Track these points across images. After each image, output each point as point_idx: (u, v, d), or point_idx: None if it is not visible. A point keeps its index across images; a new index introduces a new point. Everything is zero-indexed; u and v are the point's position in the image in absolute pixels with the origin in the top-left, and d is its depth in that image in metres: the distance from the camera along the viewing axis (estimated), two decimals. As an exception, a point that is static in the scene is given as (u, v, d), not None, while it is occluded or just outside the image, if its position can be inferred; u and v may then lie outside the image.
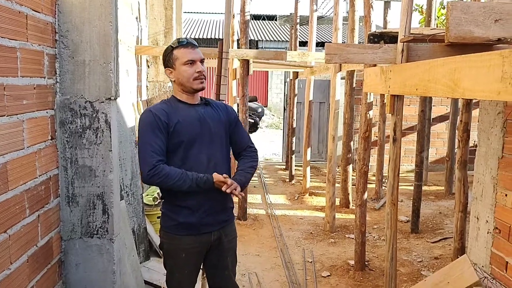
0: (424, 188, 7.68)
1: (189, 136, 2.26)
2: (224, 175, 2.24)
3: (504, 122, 2.79)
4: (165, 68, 2.41)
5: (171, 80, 2.38)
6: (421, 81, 2.15)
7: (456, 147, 4.41)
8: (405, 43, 2.47)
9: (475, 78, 1.62)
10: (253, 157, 2.47)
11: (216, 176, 2.22)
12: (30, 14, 2.29)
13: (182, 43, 2.29)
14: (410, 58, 2.55)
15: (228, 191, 2.18)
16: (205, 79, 2.31)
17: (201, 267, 2.91)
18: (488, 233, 2.93)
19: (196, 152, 2.28)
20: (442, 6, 9.76)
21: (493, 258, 2.87)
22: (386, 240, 2.68)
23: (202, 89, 2.33)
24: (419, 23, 10.17)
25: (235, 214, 5.53)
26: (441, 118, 9.10)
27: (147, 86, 5.88)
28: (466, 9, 1.30)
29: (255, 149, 2.52)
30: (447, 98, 7.66)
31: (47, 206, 2.55)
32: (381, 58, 2.61)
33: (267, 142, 13.25)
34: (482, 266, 2.95)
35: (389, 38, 3.31)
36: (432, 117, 7.95)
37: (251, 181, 7.21)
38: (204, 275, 3.09)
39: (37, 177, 2.41)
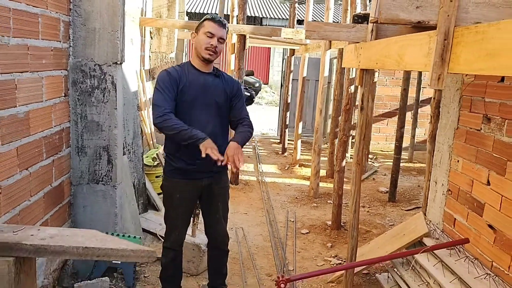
0: (409, 164, 8.14)
1: (192, 97, 2.61)
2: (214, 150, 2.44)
3: (460, 98, 3.18)
4: (192, 32, 2.71)
5: (193, 42, 2.70)
6: (380, 56, 2.53)
7: (428, 122, 4.78)
8: (374, 23, 2.83)
9: (412, 54, 2.00)
10: (249, 125, 2.79)
11: (207, 143, 2.42)
12: (49, -15, 2.64)
13: (214, 19, 2.61)
14: (379, 37, 2.91)
15: (217, 159, 2.41)
16: (215, 54, 2.62)
17: (195, 213, 3.33)
18: (442, 194, 3.35)
19: (197, 113, 2.63)
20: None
21: (445, 215, 3.30)
22: (351, 195, 3.10)
23: (209, 60, 2.63)
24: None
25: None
26: (430, 100, 9.43)
27: (149, 56, 6.23)
28: (395, -3, 1.68)
29: (250, 120, 2.84)
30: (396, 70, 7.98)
31: (60, 153, 2.97)
32: (354, 36, 2.97)
33: (266, 118, 13.62)
34: (437, 223, 3.38)
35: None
36: (421, 98, 8.29)
37: (245, 151, 7.53)
38: (195, 222, 3.54)
39: (52, 127, 2.82)
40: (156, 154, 5.01)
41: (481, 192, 2.86)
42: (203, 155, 2.41)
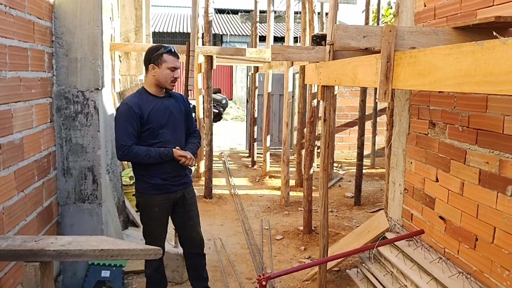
0: (372, 170, 8.63)
1: (159, 123, 2.88)
2: (184, 151, 2.92)
3: (409, 107, 3.61)
4: (149, 63, 2.82)
5: (150, 74, 2.86)
6: (338, 74, 2.91)
7: (385, 129, 5.22)
8: (331, 45, 3.21)
9: (363, 72, 2.38)
10: (198, 136, 3.20)
11: (177, 152, 2.87)
12: (36, 21, 2.90)
13: (172, 52, 2.83)
14: (336, 57, 3.30)
15: (186, 163, 2.90)
16: (175, 83, 2.95)
17: (173, 225, 3.57)
18: (400, 193, 3.75)
19: (165, 133, 2.90)
20: (390, 7, 10.73)
21: (404, 212, 3.69)
22: (320, 198, 3.43)
23: (172, 89, 2.99)
24: (372, 21, 11.09)
25: (201, 194, 6.23)
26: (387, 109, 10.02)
27: (119, 79, 6.43)
28: (346, 29, 2.03)
29: (199, 131, 3.26)
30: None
31: (48, 176, 3.17)
32: (314, 57, 3.35)
33: (233, 133, 13.93)
34: (397, 220, 3.77)
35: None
36: (379, 108, 8.84)
37: (216, 166, 7.77)
38: (176, 234, 3.77)
39: (41, 151, 3.03)
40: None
41: (432, 188, 3.26)
42: (181, 160, 2.86)
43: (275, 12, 7.53)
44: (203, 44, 6.77)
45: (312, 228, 4.93)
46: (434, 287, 2.75)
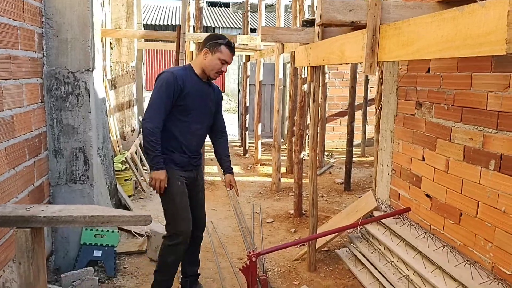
0: (362, 159, 8.71)
1: (194, 104, 2.84)
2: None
3: (397, 89, 3.66)
4: (205, 47, 2.79)
5: (202, 57, 2.81)
6: (326, 53, 2.95)
7: (375, 114, 5.29)
8: (320, 26, 3.25)
9: (350, 49, 2.42)
10: (227, 142, 3.19)
11: (159, 177, 2.72)
12: (25, 1, 2.89)
13: (231, 46, 2.80)
14: (325, 38, 3.34)
15: (155, 186, 2.75)
16: (219, 75, 2.89)
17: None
18: (388, 174, 3.81)
19: (195, 116, 2.84)
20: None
21: (391, 192, 3.76)
22: (309, 178, 3.49)
23: (214, 80, 2.95)
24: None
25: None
26: (379, 98, 10.09)
27: (111, 66, 6.43)
28: (332, 2, 2.07)
29: (227, 133, 3.23)
30: (340, 64, 8.63)
31: (40, 155, 3.18)
32: (304, 38, 3.39)
33: (226, 124, 13.98)
34: (385, 200, 3.83)
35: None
36: (369, 97, 8.89)
37: (208, 155, 7.83)
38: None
39: (32, 131, 3.04)
40: (125, 158, 5.22)
41: (418, 167, 3.33)
42: (150, 183, 2.78)
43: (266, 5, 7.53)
44: (194, 32, 6.77)
45: (303, 211, 4.99)
46: (420, 261, 2.82)
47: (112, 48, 6.43)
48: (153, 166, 2.73)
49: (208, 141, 3.20)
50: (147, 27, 18.03)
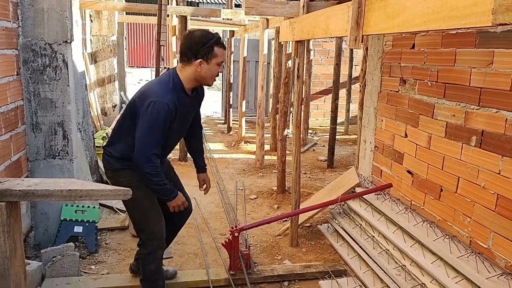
0: (345, 137, 8.76)
1: (175, 126, 2.41)
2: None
3: (381, 65, 3.65)
4: (196, 58, 2.33)
5: (194, 69, 2.37)
6: (311, 27, 2.90)
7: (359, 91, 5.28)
8: (305, 0, 3.19)
9: (335, 22, 2.38)
10: (201, 138, 2.96)
11: (180, 200, 2.50)
12: (-2, -34, 2.75)
13: (222, 44, 2.38)
14: (310, 12, 3.28)
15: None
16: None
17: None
18: (371, 151, 3.83)
19: (169, 135, 2.42)
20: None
21: (374, 169, 3.78)
22: (293, 155, 3.48)
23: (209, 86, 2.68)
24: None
25: (176, 157, 6.23)
26: (363, 76, 10.09)
27: (91, 40, 6.26)
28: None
29: (202, 127, 2.98)
30: (325, 38, 8.61)
31: (16, 130, 3.10)
32: (288, 11, 3.32)
33: (210, 102, 13.81)
34: (367, 177, 3.86)
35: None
36: (354, 75, 8.88)
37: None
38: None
39: (8, 104, 2.95)
40: (106, 134, 5.13)
41: (400, 144, 3.35)
42: (172, 210, 2.52)
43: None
44: (177, 4, 6.60)
45: (286, 188, 5.01)
46: (400, 235, 2.86)
47: (92, 21, 6.24)
48: (169, 198, 2.47)
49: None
50: None
